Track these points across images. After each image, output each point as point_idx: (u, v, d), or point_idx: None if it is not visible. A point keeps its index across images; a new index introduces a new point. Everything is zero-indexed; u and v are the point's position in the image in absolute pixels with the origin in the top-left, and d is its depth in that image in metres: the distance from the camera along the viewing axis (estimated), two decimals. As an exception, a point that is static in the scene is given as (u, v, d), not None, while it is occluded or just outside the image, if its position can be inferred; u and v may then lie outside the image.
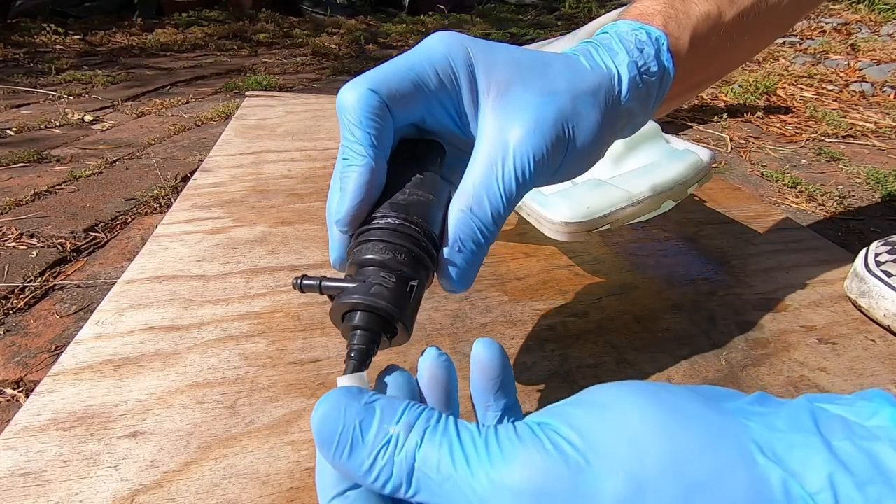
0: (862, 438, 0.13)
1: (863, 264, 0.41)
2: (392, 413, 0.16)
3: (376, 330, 0.20)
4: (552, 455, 0.15)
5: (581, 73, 0.25)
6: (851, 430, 0.14)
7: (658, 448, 0.14)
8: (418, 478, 0.15)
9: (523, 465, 0.15)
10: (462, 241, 0.22)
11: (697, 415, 0.15)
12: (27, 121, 1.20)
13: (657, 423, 0.15)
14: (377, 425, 0.16)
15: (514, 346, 0.36)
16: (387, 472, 0.15)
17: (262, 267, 0.44)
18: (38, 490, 0.26)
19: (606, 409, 0.16)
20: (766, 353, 0.37)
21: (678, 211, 0.51)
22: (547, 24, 2.90)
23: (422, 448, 0.15)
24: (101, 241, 0.74)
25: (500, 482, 0.14)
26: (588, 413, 0.16)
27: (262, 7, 2.93)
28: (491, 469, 0.15)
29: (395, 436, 0.16)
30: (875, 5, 2.35)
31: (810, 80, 1.58)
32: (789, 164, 1.07)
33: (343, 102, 0.22)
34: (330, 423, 0.16)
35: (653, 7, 0.28)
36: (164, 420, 0.30)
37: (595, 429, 0.15)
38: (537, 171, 0.23)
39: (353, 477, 0.16)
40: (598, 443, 0.15)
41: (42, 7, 2.42)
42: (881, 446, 0.13)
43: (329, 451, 0.16)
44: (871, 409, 0.14)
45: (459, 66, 0.23)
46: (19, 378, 0.50)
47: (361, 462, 0.16)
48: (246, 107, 0.82)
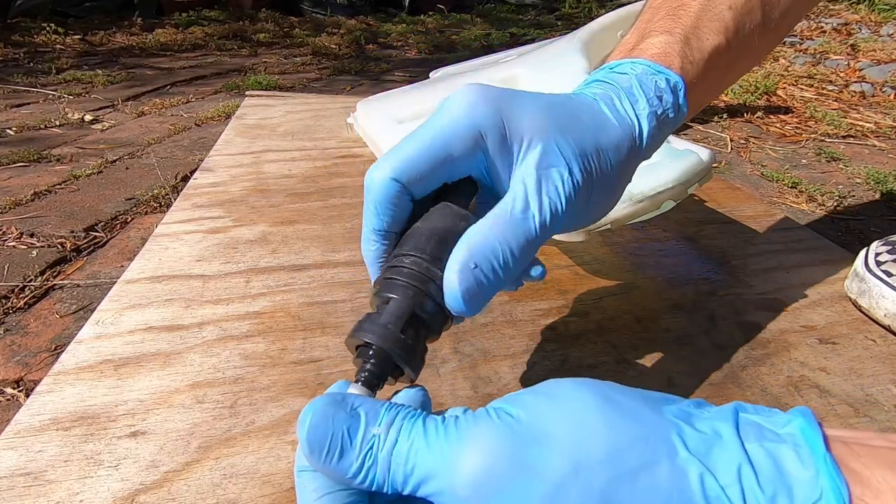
0: (770, 441, 0.16)
1: (863, 264, 0.41)
2: (375, 416, 0.17)
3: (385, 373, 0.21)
4: (502, 431, 0.16)
5: (605, 128, 0.25)
6: (763, 435, 0.16)
7: (599, 435, 0.16)
8: (394, 470, 0.17)
9: (475, 441, 0.16)
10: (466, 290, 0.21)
11: (636, 412, 0.17)
12: (27, 120, 1.20)
13: (600, 415, 0.16)
14: (363, 429, 0.17)
15: (514, 346, 0.36)
16: (372, 472, 0.17)
17: (262, 267, 0.44)
18: (39, 490, 0.26)
19: (557, 398, 0.17)
20: (766, 353, 0.37)
21: (678, 211, 0.51)
22: (547, 24, 2.90)
23: (397, 443, 0.17)
24: (101, 240, 0.74)
25: (453, 458, 0.16)
26: (540, 400, 0.17)
27: (262, 7, 2.93)
28: (447, 448, 0.16)
29: (378, 436, 0.17)
30: (875, 5, 2.35)
31: (810, 81, 1.58)
32: (789, 164, 1.07)
33: (368, 183, 0.23)
34: (320, 432, 0.17)
35: (671, 47, 0.28)
36: (165, 420, 0.30)
37: (545, 413, 0.17)
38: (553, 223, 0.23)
39: (341, 480, 0.17)
40: (546, 425, 0.16)
41: (42, 7, 2.42)
42: (785, 449, 0.15)
43: (319, 458, 0.17)
44: (786, 419, 0.17)
45: (489, 130, 0.23)
46: (19, 378, 0.50)
47: (350, 465, 0.17)
48: (246, 107, 0.82)
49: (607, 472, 0.15)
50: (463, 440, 0.16)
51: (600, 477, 0.15)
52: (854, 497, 0.14)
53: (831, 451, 0.15)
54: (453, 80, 0.62)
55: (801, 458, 0.15)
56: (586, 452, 0.16)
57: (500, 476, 0.16)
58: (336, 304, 0.40)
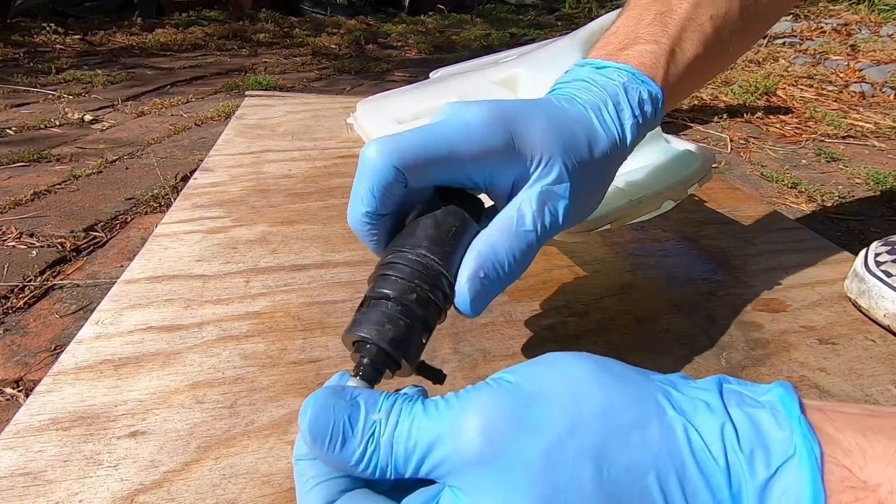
0: (750, 407, 0.17)
1: (863, 264, 0.41)
2: (374, 403, 0.18)
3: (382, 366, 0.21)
4: (502, 395, 0.17)
5: (597, 141, 0.27)
6: (744, 401, 0.17)
7: (593, 397, 0.17)
8: (396, 452, 0.17)
9: (477, 405, 0.17)
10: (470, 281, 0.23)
11: (628, 377, 0.18)
12: (27, 120, 1.20)
13: (595, 379, 0.18)
14: (364, 417, 0.18)
15: (514, 346, 0.36)
16: (375, 458, 0.17)
17: (262, 267, 0.44)
18: (38, 490, 0.26)
19: (554, 366, 0.19)
20: (766, 353, 0.37)
21: (678, 211, 0.51)
22: (547, 24, 2.90)
23: (398, 425, 0.17)
24: (100, 240, 0.74)
25: (457, 422, 0.17)
26: (538, 367, 0.19)
27: (262, 7, 2.93)
28: (449, 415, 0.17)
29: (378, 422, 0.18)
30: (875, 6, 2.35)
31: (810, 81, 1.58)
32: (789, 164, 1.08)
33: (365, 164, 0.23)
34: (321, 421, 0.17)
35: (658, 59, 0.30)
36: (164, 420, 0.30)
37: (542, 378, 0.18)
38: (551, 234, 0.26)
39: (343, 468, 0.18)
40: (543, 388, 0.18)
41: (42, 7, 2.42)
42: (763, 413, 0.17)
43: (322, 447, 0.17)
44: (766, 389, 0.18)
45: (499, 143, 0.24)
46: (19, 377, 0.50)
47: (353, 452, 0.17)
48: (246, 106, 0.82)
49: (601, 429, 0.16)
50: (465, 406, 0.17)
51: (595, 433, 0.16)
52: (826, 454, 0.16)
53: (807, 416, 0.17)
54: (453, 80, 0.62)
55: (777, 421, 0.16)
56: (582, 411, 0.17)
57: (503, 434, 0.16)
58: (336, 304, 0.40)
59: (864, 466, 0.15)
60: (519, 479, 0.16)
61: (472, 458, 0.16)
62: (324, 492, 0.18)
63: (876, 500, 0.15)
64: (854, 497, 0.15)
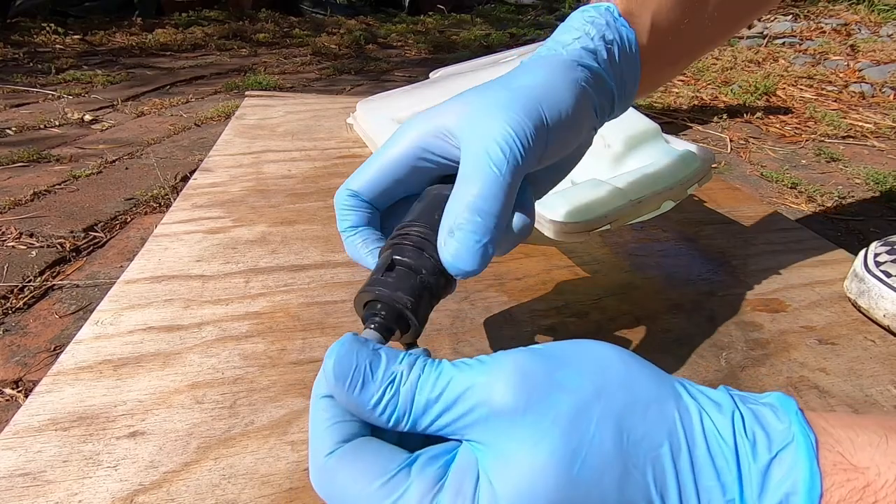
0: (754, 404, 0.19)
1: (862, 264, 0.41)
2: (395, 357, 0.19)
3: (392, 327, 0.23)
4: (535, 356, 0.19)
5: (535, 61, 0.28)
6: (746, 400, 0.19)
7: (617, 370, 0.19)
8: (417, 401, 0.18)
9: (511, 361, 0.19)
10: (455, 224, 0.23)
11: (647, 364, 0.20)
12: (27, 120, 1.20)
13: (619, 358, 0.19)
14: (385, 365, 0.19)
15: (514, 346, 0.36)
16: (392, 405, 0.18)
17: (262, 267, 0.44)
18: (37, 490, 0.26)
19: (579, 345, 0.20)
20: (766, 354, 0.37)
21: (678, 211, 0.51)
22: (547, 24, 2.90)
23: (422, 376, 0.19)
24: (100, 240, 0.74)
25: (490, 374, 0.18)
26: (567, 344, 0.20)
27: (262, 7, 2.93)
28: (481, 369, 0.19)
29: (399, 373, 0.19)
30: (874, 6, 2.35)
31: (810, 81, 1.58)
32: (789, 164, 1.08)
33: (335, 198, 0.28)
34: (345, 363, 0.18)
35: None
36: (164, 420, 0.30)
37: (572, 351, 0.20)
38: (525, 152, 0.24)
39: (360, 412, 0.19)
40: (573, 358, 0.19)
41: (42, 7, 2.42)
42: (764, 408, 0.19)
43: (343, 387, 0.18)
44: (766, 394, 0.20)
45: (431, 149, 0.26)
46: (18, 378, 0.50)
47: (371, 396, 0.18)
48: (246, 107, 0.82)
49: (625, 397, 0.18)
50: (500, 363, 0.19)
51: (619, 401, 0.18)
52: (820, 442, 0.17)
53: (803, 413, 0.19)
54: (453, 80, 0.62)
55: (777, 415, 0.18)
56: (607, 379, 0.18)
57: (537, 389, 0.18)
58: (335, 304, 0.40)
59: (854, 454, 0.17)
60: (550, 430, 0.17)
61: (505, 409, 0.17)
62: (340, 432, 0.19)
63: (865, 481, 0.17)
64: (846, 478, 0.17)
